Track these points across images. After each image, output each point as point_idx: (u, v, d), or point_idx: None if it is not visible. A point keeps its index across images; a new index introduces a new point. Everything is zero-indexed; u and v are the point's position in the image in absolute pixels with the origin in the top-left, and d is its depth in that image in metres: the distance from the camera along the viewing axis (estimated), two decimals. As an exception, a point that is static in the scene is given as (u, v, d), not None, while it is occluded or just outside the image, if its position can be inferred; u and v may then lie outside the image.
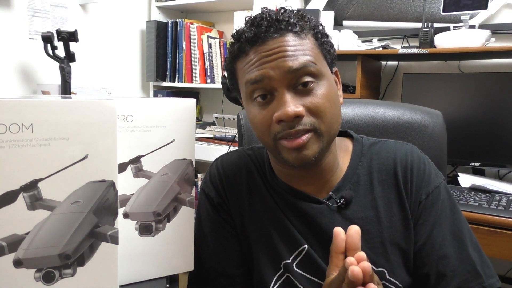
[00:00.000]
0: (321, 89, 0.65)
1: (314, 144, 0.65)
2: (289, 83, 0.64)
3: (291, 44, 0.65)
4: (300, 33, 0.66)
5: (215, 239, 0.77)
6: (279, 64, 0.63)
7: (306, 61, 0.64)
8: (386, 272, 0.68)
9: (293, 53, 0.64)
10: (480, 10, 1.67)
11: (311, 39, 0.68)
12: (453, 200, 0.73)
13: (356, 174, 0.73)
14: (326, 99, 0.65)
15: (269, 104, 0.66)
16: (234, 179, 0.78)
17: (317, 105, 0.64)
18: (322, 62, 0.68)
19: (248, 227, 0.75)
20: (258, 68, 0.65)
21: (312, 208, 0.72)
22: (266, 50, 0.65)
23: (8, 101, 0.45)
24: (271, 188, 0.75)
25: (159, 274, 0.67)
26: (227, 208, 0.77)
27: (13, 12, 1.96)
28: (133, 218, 0.64)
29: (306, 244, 0.71)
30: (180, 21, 2.41)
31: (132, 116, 0.62)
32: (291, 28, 0.65)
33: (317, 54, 0.67)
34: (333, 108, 0.67)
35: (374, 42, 1.95)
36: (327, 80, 0.67)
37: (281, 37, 0.65)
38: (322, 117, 0.65)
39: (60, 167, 0.48)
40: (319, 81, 0.66)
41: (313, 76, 0.65)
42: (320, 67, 0.66)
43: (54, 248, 0.49)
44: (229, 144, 2.22)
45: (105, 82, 2.35)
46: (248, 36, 0.66)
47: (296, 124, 0.63)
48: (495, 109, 1.65)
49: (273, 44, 0.64)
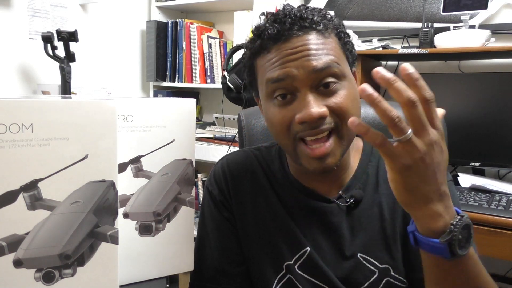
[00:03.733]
0: (343, 90, 0.64)
1: (337, 150, 0.64)
2: (312, 83, 0.63)
3: (315, 43, 0.63)
4: (324, 32, 0.65)
5: (217, 237, 0.77)
6: (303, 63, 0.62)
7: (330, 61, 0.63)
8: (391, 269, 0.68)
9: (316, 52, 0.63)
10: (480, 10, 1.67)
11: (334, 39, 0.66)
12: (457, 201, 0.71)
13: (365, 173, 0.73)
14: (349, 100, 0.64)
15: (290, 104, 0.64)
16: (238, 178, 0.78)
17: (340, 105, 0.63)
18: (344, 62, 0.67)
19: (250, 227, 0.75)
20: (281, 66, 0.63)
21: (323, 207, 0.72)
22: (289, 48, 0.63)
23: (8, 101, 0.45)
24: (280, 187, 0.75)
25: (159, 274, 0.67)
26: (229, 207, 0.77)
27: (13, 12, 1.96)
28: (133, 218, 0.64)
29: (308, 247, 0.71)
30: (180, 21, 2.41)
31: (132, 116, 0.62)
32: (315, 26, 0.64)
33: (340, 54, 0.66)
34: (355, 109, 0.66)
35: (374, 42, 1.95)
36: (349, 81, 0.66)
37: (305, 35, 0.63)
38: (344, 118, 0.63)
39: (60, 167, 0.48)
40: (341, 82, 0.64)
41: (336, 76, 0.64)
42: (343, 67, 0.65)
43: (54, 248, 0.49)
44: (229, 144, 2.22)
45: (105, 82, 2.35)
46: (271, 32, 0.64)
47: (319, 125, 0.63)
48: (495, 109, 1.65)
49: (296, 42, 0.63)
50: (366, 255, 0.69)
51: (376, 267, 0.68)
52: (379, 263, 0.68)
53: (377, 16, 2.08)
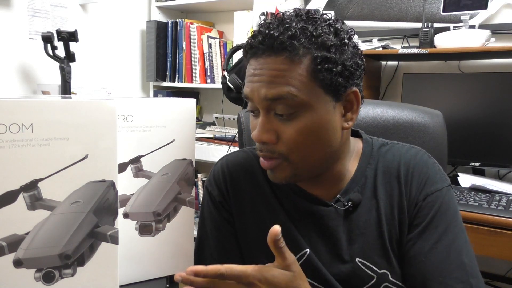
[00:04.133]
0: (299, 121, 0.62)
1: (283, 169, 0.66)
2: (268, 108, 0.63)
3: (275, 68, 0.61)
4: (293, 57, 0.60)
5: (216, 238, 0.77)
6: (259, 88, 0.62)
7: (285, 92, 0.60)
8: (389, 274, 0.68)
9: (273, 80, 0.61)
10: (480, 10, 1.67)
11: (306, 64, 0.61)
12: (456, 208, 0.70)
13: (364, 176, 0.73)
14: (302, 132, 0.62)
15: (257, 118, 0.66)
16: (237, 179, 0.78)
17: (289, 137, 0.63)
18: (312, 91, 0.62)
19: (250, 227, 0.75)
20: (247, 85, 0.65)
21: (320, 210, 0.71)
22: (255, 67, 0.63)
23: (8, 101, 0.45)
24: (278, 189, 0.75)
25: (159, 274, 0.67)
26: (228, 208, 0.77)
27: (13, 12, 1.96)
28: (133, 218, 0.64)
29: (307, 249, 0.71)
30: (180, 21, 2.41)
31: (132, 116, 0.62)
32: (283, 49, 0.60)
33: (305, 83, 0.61)
34: (312, 140, 0.63)
35: (374, 42, 1.95)
36: (313, 111, 0.62)
37: (270, 57, 0.61)
38: (293, 149, 0.64)
39: (60, 167, 0.48)
40: (300, 112, 0.62)
41: (293, 107, 0.62)
42: (304, 98, 0.61)
43: (54, 248, 0.49)
44: (229, 144, 2.22)
45: (105, 82, 2.35)
46: (247, 46, 0.65)
47: (264, 149, 0.65)
48: (495, 109, 1.65)
49: (263, 63, 0.62)
50: (365, 260, 0.69)
51: (374, 272, 0.68)
52: (377, 268, 0.68)
53: (377, 16, 2.08)
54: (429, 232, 0.68)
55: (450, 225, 0.68)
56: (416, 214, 0.69)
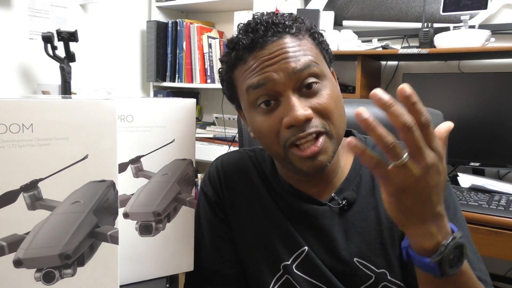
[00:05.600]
0: (326, 90, 0.64)
1: (328, 148, 0.64)
2: (294, 86, 0.62)
3: (291, 45, 0.63)
4: (298, 34, 0.65)
5: (211, 238, 0.77)
6: (282, 66, 0.62)
7: (309, 61, 0.63)
8: (388, 273, 0.68)
9: (294, 54, 0.63)
10: (480, 10, 1.67)
11: (309, 40, 0.67)
12: (456, 203, 0.71)
13: (359, 175, 0.72)
14: (332, 100, 0.64)
15: (275, 110, 0.64)
16: (232, 179, 0.78)
17: (325, 106, 0.63)
18: (323, 62, 0.67)
19: (245, 227, 0.75)
20: (260, 72, 0.63)
21: (314, 209, 0.71)
22: (266, 54, 0.63)
23: (8, 101, 0.45)
24: (272, 189, 0.75)
25: (159, 274, 0.67)
26: (223, 208, 0.77)
27: (13, 12, 1.96)
28: (133, 218, 0.64)
29: (306, 246, 0.70)
30: (180, 21, 2.41)
31: (132, 116, 0.62)
32: (288, 30, 0.64)
33: (317, 54, 0.66)
34: (339, 108, 0.66)
35: (374, 42, 1.95)
36: (330, 80, 0.66)
37: (280, 39, 0.63)
38: (330, 118, 0.63)
39: (60, 167, 0.48)
40: (322, 82, 0.65)
41: (316, 76, 0.64)
42: (322, 67, 0.65)
43: (54, 248, 0.49)
44: (229, 144, 2.22)
45: (105, 82, 2.35)
46: (246, 42, 0.64)
47: (306, 127, 0.62)
48: (495, 109, 1.65)
49: (272, 48, 0.63)
50: (363, 260, 0.68)
51: (372, 271, 0.68)
52: (375, 267, 0.68)
53: (377, 16, 2.08)
54: None
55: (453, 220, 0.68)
56: None
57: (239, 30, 0.67)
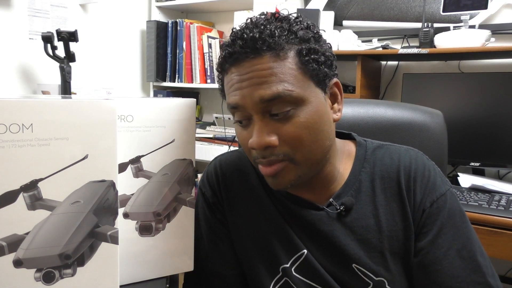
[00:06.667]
0: (299, 116, 0.61)
1: (289, 172, 0.63)
2: (263, 111, 0.61)
3: (265, 67, 0.59)
4: (279, 52, 0.60)
5: (210, 239, 0.76)
6: (251, 92, 0.60)
7: (281, 90, 0.59)
8: (386, 282, 0.67)
9: (266, 80, 0.59)
10: (480, 10, 1.67)
11: (292, 58, 0.61)
12: (462, 209, 0.69)
13: (358, 180, 0.71)
14: (304, 128, 0.61)
15: (247, 127, 0.64)
16: (231, 179, 0.77)
17: (292, 135, 0.61)
18: (305, 84, 0.61)
19: (244, 229, 0.75)
20: (234, 93, 0.62)
21: (312, 214, 0.70)
22: (240, 73, 0.61)
23: (8, 101, 0.45)
24: (270, 191, 0.74)
25: (159, 274, 0.67)
26: (222, 209, 0.77)
27: (13, 12, 1.96)
28: (133, 218, 0.64)
29: (305, 249, 0.70)
30: (180, 21, 2.41)
31: (132, 116, 0.62)
32: (267, 48, 0.59)
33: (297, 77, 0.61)
34: (314, 134, 0.62)
35: (374, 42, 1.95)
36: (309, 104, 0.62)
37: (256, 59, 0.60)
38: (298, 147, 0.62)
39: (60, 167, 0.48)
40: (297, 107, 0.61)
41: (290, 103, 0.60)
42: (299, 92, 0.60)
43: (54, 248, 0.49)
44: (229, 144, 2.22)
45: (105, 82, 2.35)
46: (226, 54, 0.63)
47: (268, 154, 0.62)
48: (495, 109, 1.65)
49: (248, 67, 0.60)
50: (361, 267, 0.67)
51: (370, 279, 0.67)
52: (374, 275, 0.67)
53: (377, 16, 2.08)
54: (441, 239, 0.66)
55: (459, 228, 0.67)
56: (424, 221, 0.68)
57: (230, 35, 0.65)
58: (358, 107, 0.99)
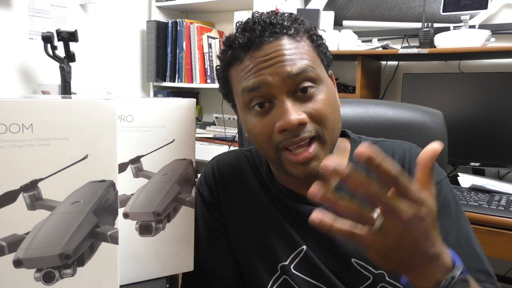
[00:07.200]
0: (321, 94, 0.63)
1: (320, 153, 0.63)
2: (289, 90, 0.62)
3: (287, 47, 0.62)
4: (296, 36, 0.64)
5: (208, 239, 0.77)
6: (277, 69, 0.61)
7: (305, 65, 0.62)
8: (386, 274, 0.68)
9: (290, 57, 0.61)
10: (480, 10, 1.67)
11: (307, 42, 0.65)
12: (457, 199, 0.70)
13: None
14: (327, 105, 0.63)
15: (269, 112, 0.63)
16: (228, 179, 0.77)
17: (319, 111, 0.62)
18: (320, 65, 0.66)
19: (242, 228, 0.75)
20: (255, 75, 0.62)
21: (310, 210, 0.70)
22: (262, 55, 0.62)
23: (8, 101, 0.45)
24: (269, 189, 0.75)
25: (159, 274, 0.67)
26: (219, 208, 0.77)
27: (13, 12, 1.96)
28: (133, 218, 0.64)
29: (304, 245, 0.70)
30: (180, 21, 2.41)
31: (132, 116, 0.62)
32: (286, 31, 0.63)
33: (314, 58, 0.65)
34: (334, 113, 0.65)
35: (374, 42, 1.95)
36: (326, 84, 0.65)
37: (277, 41, 0.62)
38: (325, 124, 0.63)
39: (60, 167, 0.48)
40: (318, 86, 0.63)
41: (312, 81, 0.63)
42: (318, 71, 0.64)
43: (54, 248, 0.49)
44: (229, 144, 2.22)
45: (105, 82, 2.35)
46: (242, 41, 0.63)
47: (300, 132, 0.61)
48: (495, 109, 1.65)
49: (269, 49, 0.62)
50: (361, 261, 0.68)
51: (370, 272, 0.67)
52: (373, 269, 0.67)
53: (377, 16, 2.08)
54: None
55: (455, 216, 0.68)
56: None
57: (237, 28, 0.66)
58: (358, 107, 0.99)
